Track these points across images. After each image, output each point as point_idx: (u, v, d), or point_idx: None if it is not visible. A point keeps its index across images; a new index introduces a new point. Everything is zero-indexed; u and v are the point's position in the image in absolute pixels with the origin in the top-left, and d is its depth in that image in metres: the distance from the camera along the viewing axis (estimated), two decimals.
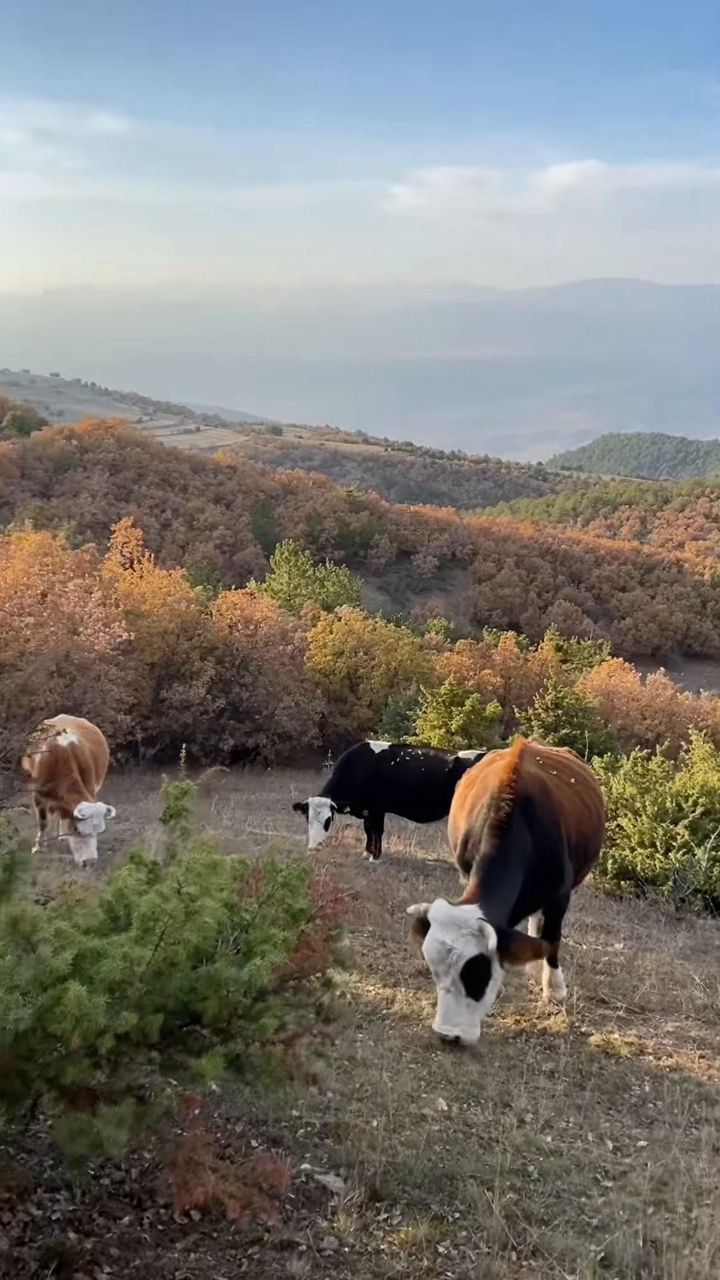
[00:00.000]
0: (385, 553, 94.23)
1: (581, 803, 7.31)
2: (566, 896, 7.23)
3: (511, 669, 36.08)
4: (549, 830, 6.76)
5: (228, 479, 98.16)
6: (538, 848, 6.63)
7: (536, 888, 6.68)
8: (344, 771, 13.18)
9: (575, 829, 7.08)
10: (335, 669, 32.15)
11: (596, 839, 7.71)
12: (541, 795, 6.86)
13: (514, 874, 6.40)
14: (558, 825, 6.83)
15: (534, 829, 6.66)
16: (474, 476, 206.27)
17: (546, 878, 6.74)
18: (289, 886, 3.37)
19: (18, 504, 76.48)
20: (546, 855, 6.70)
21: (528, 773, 6.90)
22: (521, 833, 6.56)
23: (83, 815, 9.55)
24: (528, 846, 6.57)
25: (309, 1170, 4.19)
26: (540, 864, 6.63)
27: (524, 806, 6.66)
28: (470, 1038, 5.94)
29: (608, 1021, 7.00)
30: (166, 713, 26.32)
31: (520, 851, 6.51)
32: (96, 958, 2.84)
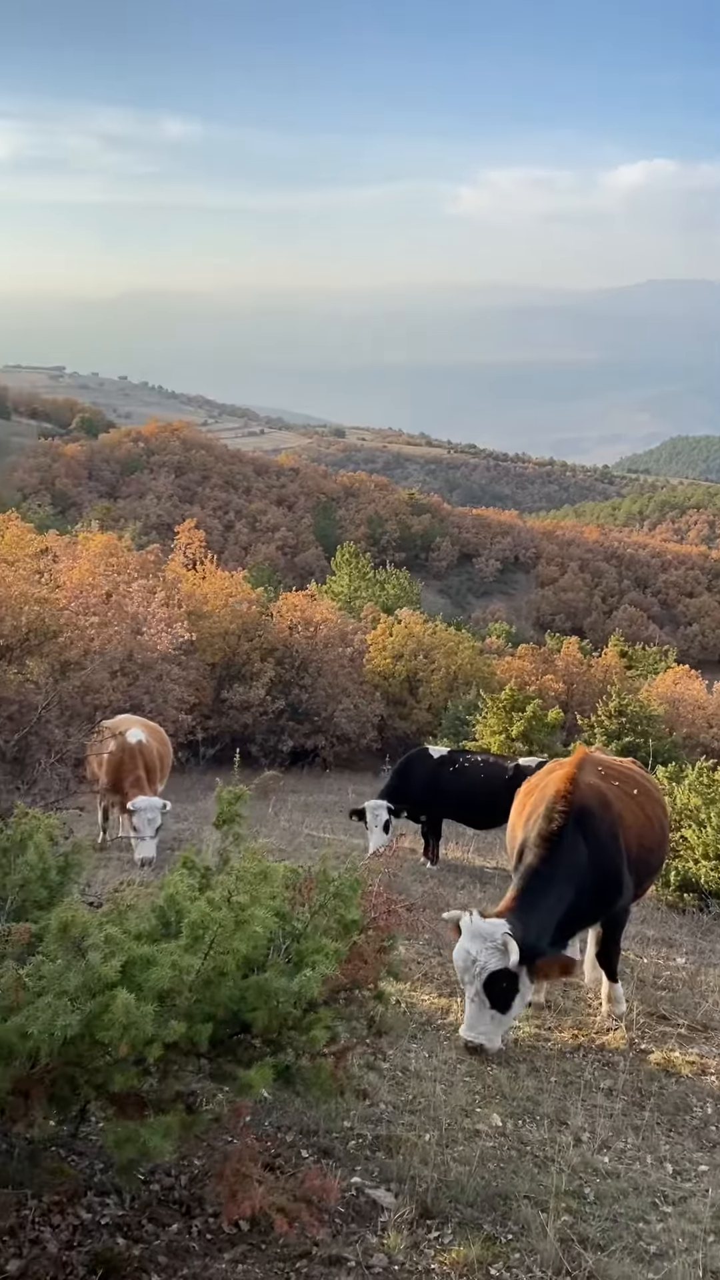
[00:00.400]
0: (447, 555, 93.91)
1: (643, 815, 7.14)
2: (626, 910, 7.07)
3: (574, 675, 35.63)
4: (606, 843, 6.62)
5: (290, 481, 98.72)
6: (594, 861, 6.49)
7: (593, 901, 6.55)
8: (402, 775, 13.10)
9: (636, 842, 6.93)
10: (395, 672, 32.06)
11: (659, 852, 7.53)
12: (600, 807, 6.72)
13: (561, 887, 6.27)
14: (616, 838, 6.69)
15: (590, 841, 6.52)
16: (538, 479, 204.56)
17: (603, 891, 6.61)
18: (341, 896, 3.32)
19: (85, 505, 77.75)
20: (603, 868, 6.56)
21: (586, 783, 6.77)
22: (575, 845, 6.43)
23: (136, 807, 9.55)
24: (581, 860, 6.44)
25: (359, 1184, 4.12)
26: (596, 877, 6.50)
27: (580, 818, 6.52)
28: (492, 1046, 5.89)
29: (668, 1039, 6.83)
30: (227, 713, 26.49)
31: (571, 864, 6.38)
32: (146, 965, 2.81)
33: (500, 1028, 5.91)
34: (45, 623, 21.30)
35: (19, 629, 20.83)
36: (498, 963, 5.70)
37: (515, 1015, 6.06)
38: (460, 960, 5.81)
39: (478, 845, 14.77)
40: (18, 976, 2.80)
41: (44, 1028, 2.63)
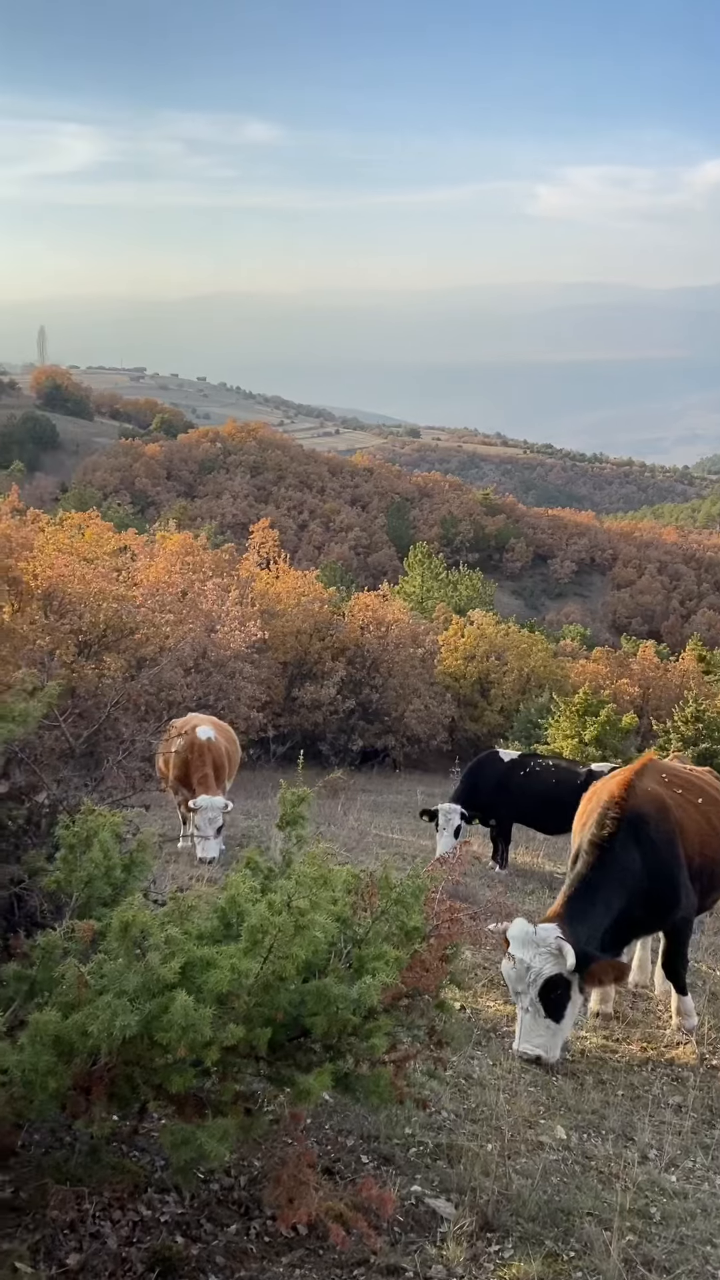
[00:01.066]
0: (521, 556, 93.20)
1: (708, 824, 6.95)
2: (687, 921, 6.86)
3: (650, 679, 35.01)
4: (663, 850, 6.47)
5: (364, 481, 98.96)
6: (649, 869, 6.35)
7: (647, 910, 6.41)
8: (472, 779, 13.00)
9: (698, 851, 6.76)
10: (466, 673, 31.89)
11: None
12: (657, 814, 6.57)
13: (611, 894, 6.14)
14: (673, 845, 6.53)
15: (645, 848, 6.38)
16: (616, 480, 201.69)
17: (659, 900, 6.45)
18: (404, 902, 3.28)
19: (164, 504, 78.98)
20: (659, 876, 6.40)
21: (644, 790, 6.64)
22: (628, 852, 6.31)
23: (197, 806, 9.62)
24: (634, 866, 6.30)
25: (419, 1192, 4.08)
26: (651, 885, 6.35)
27: (634, 825, 6.40)
28: (551, 1058, 5.80)
29: None
30: (298, 711, 26.64)
31: (623, 871, 6.25)
32: (206, 967, 2.80)
33: (557, 1038, 5.81)
34: (122, 619, 21.72)
35: (97, 625, 21.28)
36: (553, 968, 5.62)
37: (570, 1024, 5.97)
38: (512, 970, 5.72)
39: (548, 850, 14.59)
40: (80, 974, 2.82)
41: (103, 1026, 2.65)
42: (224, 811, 9.76)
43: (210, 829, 9.67)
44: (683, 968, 6.89)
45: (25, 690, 3.72)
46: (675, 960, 6.86)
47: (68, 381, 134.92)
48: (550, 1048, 5.77)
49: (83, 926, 3.01)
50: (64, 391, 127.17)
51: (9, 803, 3.78)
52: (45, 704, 3.73)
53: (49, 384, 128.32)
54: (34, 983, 3.02)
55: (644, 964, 7.95)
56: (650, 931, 6.88)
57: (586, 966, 5.73)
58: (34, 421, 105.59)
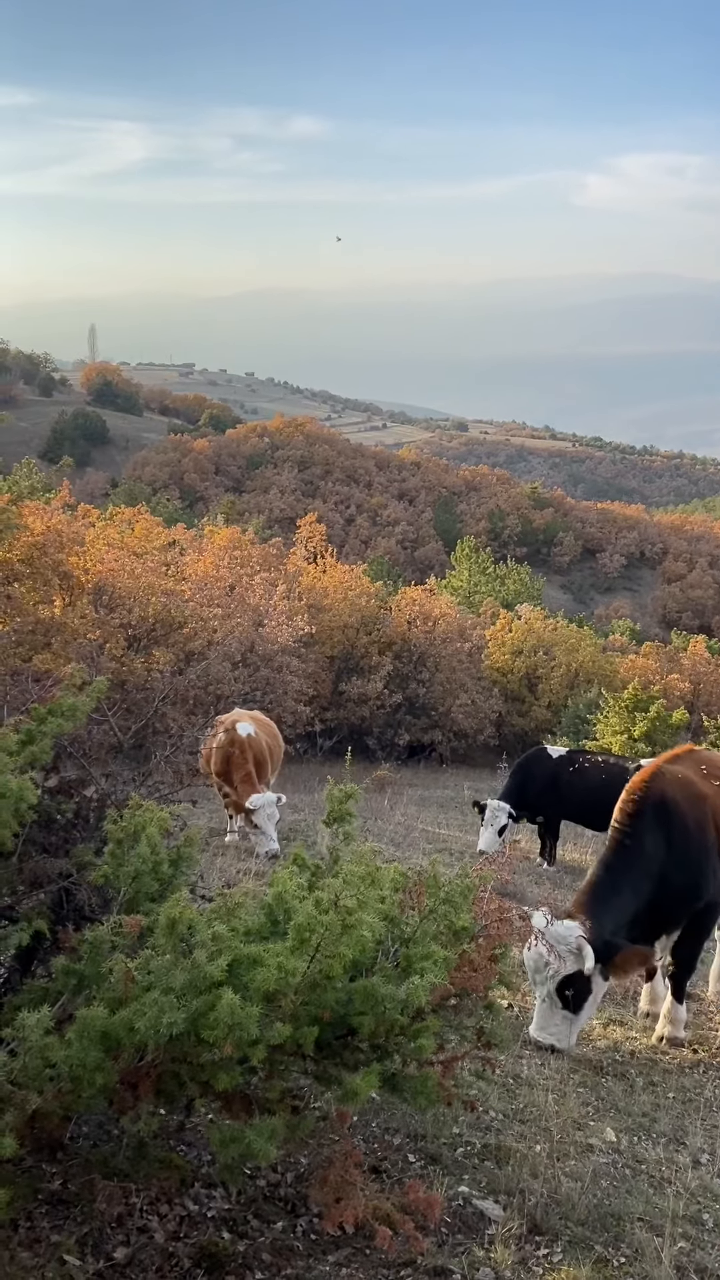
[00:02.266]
0: (569, 551, 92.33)
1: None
2: (711, 909, 6.53)
3: (701, 674, 34.51)
4: (693, 835, 6.30)
5: (411, 475, 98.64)
6: (675, 855, 6.19)
7: (676, 898, 6.24)
8: (520, 776, 12.90)
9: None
10: (514, 668, 31.67)
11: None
12: (686, 800, 6.40)
13: (636, 881, 6.00)
14: (704, 832, 6.37)
15: (672, 834, 6.23)
16: (666, 473, 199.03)
17: (683, 888, 6.26)
18: (452, 902, 3.24)
19: (212, 499, 79.46)
20: (685, 864, 6.23)
21: (672, 775, 6.50)
22: (652, 837, 6.16)
23: (254, 805, 9.68)
24: (659, 853, 6.14)
25: (467, 1194, 4.04)
26: (676, 872, 6.18)
27: (659, 810, 6.26)
28: (564, 1046, 5.74)
29: None
30: (344, 705, 26.65)
31: (646, 857, 6.09)
32: (252, 965, 2.79)
33: (573, 1027, 5.73)
34: (171, 614, 21.88)
35: (146, 619, 21.47)
36: (571, 966, 5.54)
37: (589, 1015, 5.87)
38: (531, 961, 5.66)
39: (596, 846, 14.43)
40: (127, 969, 2.82)
41: (150, 1023, 2.65)
42: (278, 805, 9.79)
43: (270, 825, 9.72)
44: (688, 973, 6.59)
45: (74, 685, 3.74)
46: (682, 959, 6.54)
47: (118, 378, 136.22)
48: (564, 1037, 5.71)
49: (130, 922, 3.02)
50: (114, 388, 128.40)
51: (58, 796, 3.80)
52: (94, 698, 3.74)
53: (99, 380, 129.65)
54: (82, 977, 3.03)
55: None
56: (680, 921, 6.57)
57: (610, 957, 5.63)
58: (84, 418, 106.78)
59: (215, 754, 10.44)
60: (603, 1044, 6.22)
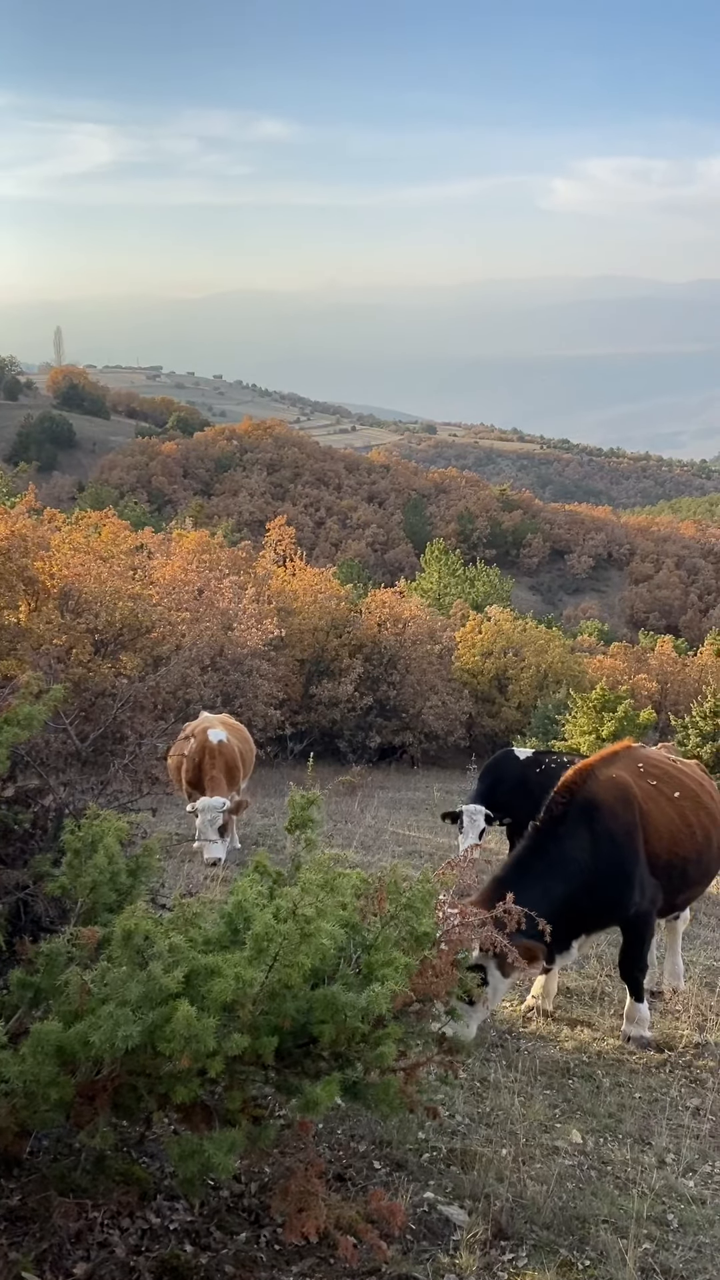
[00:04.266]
0: (538, 552, 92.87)
1: (681, 819, 6.62)
2: (644, 919, 6.45)
3: (669, 674, 34.82)
4: (620, 840, 6.20)
5: (381, 478, 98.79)
6: (599, 858, 6.09)
7: (596, 903, 6.15)
8: (490, 778, 12.90)
9: (667, 848, 6.46)
10: (483, 669, 31.78)
11: (701, 863, 6.88)
12: (617, 802, 6.30)
13: (548, 881, 5.85)
14: (631, 837, 6.26)
15: (597, 838, 6.13)
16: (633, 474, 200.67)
17: (609, 893, 6.18)
18: (413, 908, 3.22)
19: (180, 502, 79.10)
20: (609, 869, 6.14)
21: (605, 777, 6.38)
22: (576, 840, 6.08)
23: (197, 808, 9.49)
24: (580, 855, 6.05)
25: (432, 1199, 4.02)
26: (600, 877, 6.09)
27: (587, 811, 6.17)
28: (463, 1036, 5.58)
29: None
30: (315, 709, 26.61)
31: (566, 859, 6.01)
32: (210, 975, 2.76)
33: (471, 1020, 5.49)
34: (138, 618, 21.75)
35: (113, 624, 21.32)
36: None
37: (487, 1008, 5.67)
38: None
39: None
40: (83, 982, 2.78)
41: (105, 1037, 2.61)
42: (224, 811, 9.57)
43: (211, 830, 9.51)
44: (640, 972, 6.54)
45: (31, 693, 3.69)
46: (630, 961, 6.51)
47: (84, 381, 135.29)
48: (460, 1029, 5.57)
49: (86, 933, 2.97)
50: (80, 391, 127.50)
51: (15, 806, 3.75)
52: (50, 706, 3.69)
53: (65, 384, 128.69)
54: (38, 990, 2.98)
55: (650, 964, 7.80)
56: (603, 927, 6.55)
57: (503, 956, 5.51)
58: (51, 421, 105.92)
59: (186, 762, 10.34)
60: (570, 1045, 6.24)
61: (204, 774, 10.03)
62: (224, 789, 9.85)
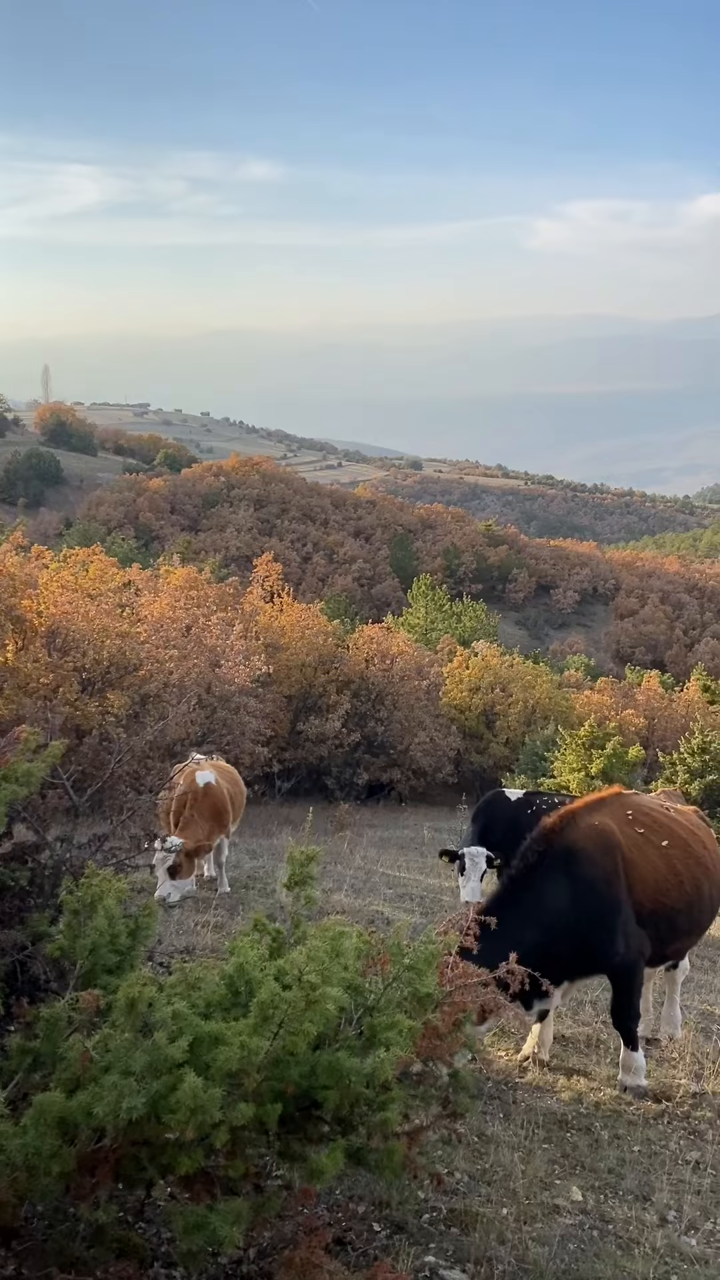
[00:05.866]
0: (524, 587, 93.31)
1: (669, 868, 6.52)
2: (629, 969, 6.33)
3: (656, 710, 34.90)
4: (599, 889, 6.13)
5: (367, 513, 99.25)
6: (578, 908, 6.03)
7: (575, 951, 6.07)
8: (483, 821, 12.85)
9: (652, 897, 6.37)
10: (471, 705, 31.78)
11: (691, 913, 6.76)
12: (597, 850, 6.22)
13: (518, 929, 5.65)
14: (611, 886, 6.17)
15: (575, 885, 6.07)
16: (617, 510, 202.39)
17: (589, 942, 6.10)
18: (415, 969, 3.19)
19: (168, 538, 79.18)
20: (589, 917, 6.07)
21: (587, 824, 6.32)
22: (552, 886, 6.02)
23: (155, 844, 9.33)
24: (557, 903, 5.99)
25: (434, 1264, 3.95)
26: (579, 925, 6.02)
27: (567, 858, 6.12)
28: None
29: None
30: (303, 745, 26.51)
31: (540, 907, 5.95)
32: (214, 1043, 2.72)
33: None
34: (126, 656, 21.68)
35: (100, 662, 21.24)
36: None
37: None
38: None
39: None
40: (85, 1049, 2.74)
41: (109, 1108, 2.57)
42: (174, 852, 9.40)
43: (161, 869, 9.41)
44: (632, 1021, 6.42)
45: (29, 749, 3.67)
46: (619, 1010, 6.41)
47: (71, 418, 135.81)
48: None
49: (87, 997, 2.93)
50: (68, 428, 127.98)
51: (12, 863, 3.71)
52: (49, 763, 3.67)
53: (53, 420, 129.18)
54: (37, 1056, 2.94)
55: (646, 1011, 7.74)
56: (585, 976, 6.47)
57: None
58: (38, 457, 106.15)
59: (174, 804, 10.26)
60: (567, 1096, 6.17)
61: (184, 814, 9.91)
62: (200, 831, 9.71)
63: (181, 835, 9.55)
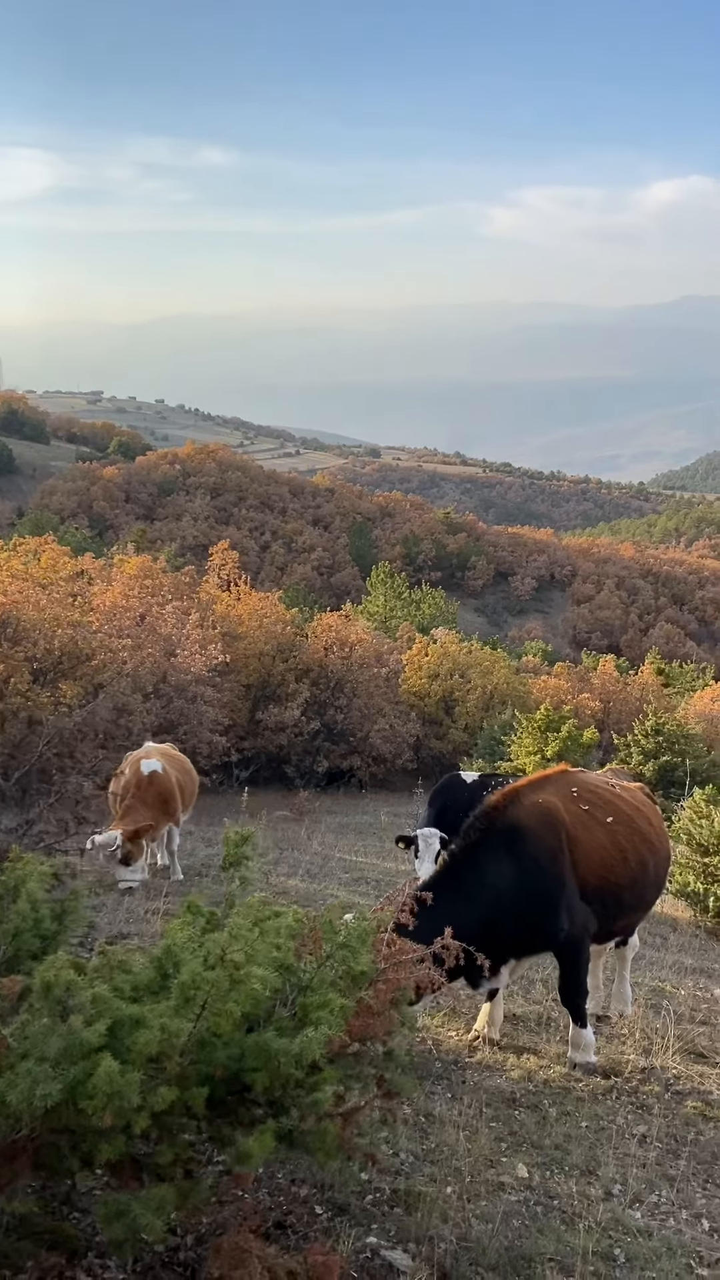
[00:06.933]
0: (482, 574, 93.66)
1: (613, 845, 6.52)
2: (574, 945, 6.32)
3: (611, 693, 35.23)
4: (543, 866, 6.11)
5: (326, 501, 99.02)
6: (521, 886, 6.00)
7: (520, 930, 6.06)
8: (439, 804, 12.85)
9: (597, 874, 6.38)
10: (430, 692, 31.84)
11: (635, 889, 6.79)
12: (542, 828, 6.19)
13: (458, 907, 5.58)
14: (555, 863, 6.15)
15: (519, 863, 6.04)
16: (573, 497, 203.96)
17: (532, 919, 6.09)
18: (349, 947, 3.13)
19: (122, 527, 78.41)
20: (533, 894, 6.04)
21: (530, 802, 6.29)
22: (495, 865, 6.00)
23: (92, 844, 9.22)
24: (501, 881, 5.97)
25: (375, 1244, 3.91)
26: (523, 903, 6.00)
27: (509, 837, 6.09)
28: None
29: (707, 1080, 6.54)
30: (262, 734, 26.40)
31: (482, 884, 5.92)
32: (135, 1026, 2.65)
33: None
34: (78, 646, 21.42)
35: (52, 652, 20.97)
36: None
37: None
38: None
39: None
40: (1, 1036, 2.65)
41: (23, 1096, 2.48)
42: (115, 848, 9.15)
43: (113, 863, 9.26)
44: (580, 998, 6.41)
45: None
46: (567, 988, 6.40)
47: (23, 406, 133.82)
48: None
49: (6, 983, 2.84)
50: (20, 416, 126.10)
51: None
52: None
53: (4, 409, 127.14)
54: None
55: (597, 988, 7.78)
56: (531, 954, 6.46)
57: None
58: None
59: (122, 791, 10.13)
60: (516, 1074, 6.17)
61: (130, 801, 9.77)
62: (140, 818, 9.58)
63: (123, 822, 9.41)
